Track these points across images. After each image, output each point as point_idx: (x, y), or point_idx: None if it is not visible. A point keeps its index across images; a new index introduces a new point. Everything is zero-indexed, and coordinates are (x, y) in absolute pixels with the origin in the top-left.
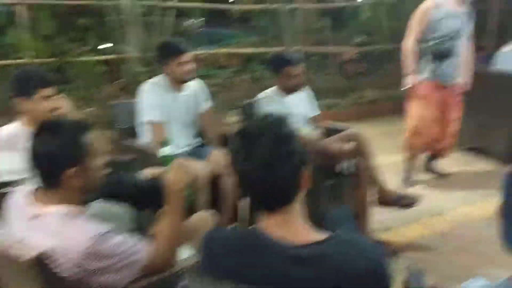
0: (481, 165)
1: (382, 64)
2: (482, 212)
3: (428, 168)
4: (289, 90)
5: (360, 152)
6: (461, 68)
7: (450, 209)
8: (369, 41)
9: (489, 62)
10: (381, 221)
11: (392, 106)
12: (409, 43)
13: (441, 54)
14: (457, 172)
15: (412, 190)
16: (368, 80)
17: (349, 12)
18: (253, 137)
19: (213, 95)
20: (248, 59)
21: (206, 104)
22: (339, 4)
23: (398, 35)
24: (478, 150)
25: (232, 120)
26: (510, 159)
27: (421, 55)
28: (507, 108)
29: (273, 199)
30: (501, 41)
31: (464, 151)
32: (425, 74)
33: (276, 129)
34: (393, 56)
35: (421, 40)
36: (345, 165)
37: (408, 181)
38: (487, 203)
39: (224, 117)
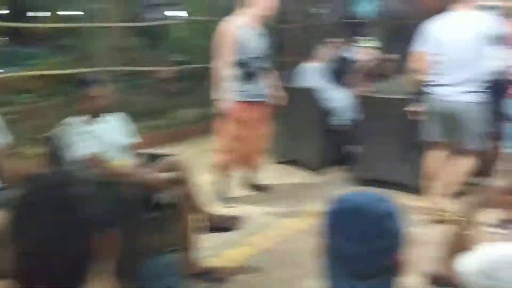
0: (297, 177)
1: (200, 83)
2: (301, 225)
3: (246, 185)
4: (94, 114)
5: (180, 180)
6: (269, 86)
7: (272, 224)
8: (186, 60)
9: (291, 78)
10: (210, 247)
11: (212, 125)
12: (218, 65)
13: (250, 74)
14: (275, 185)
15: (233, 210)
16: (186, 99)
17: (164, 31)
18: (31, 207)
19: (12, 124)
20: (60, 81)
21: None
22: (152, 23)
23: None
24: (293, 162)
25: (36, 154)
26: (320, 166)
27: (231, 76)
28: (311, 120)
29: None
30: (299, 58)
31: (279, 164)
32: (236, 95)
33: (59, 193)
34: (210, 75)
35: (230, 61)
36: (165, 196)
37: (226, 200)
38: (306, 215)
39: (25, 151)
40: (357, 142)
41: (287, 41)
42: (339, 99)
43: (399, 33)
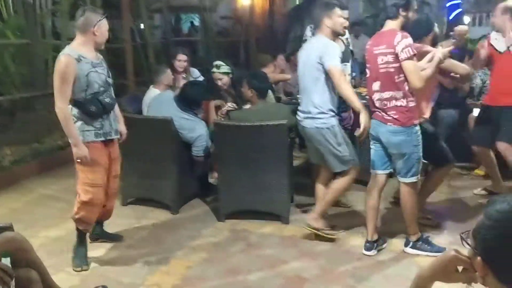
0: (153, 219)
1: (18, 116)
2: (173, 278)
3: (100, 237)
4: None
5: (21, 262)
6: (117, 119)
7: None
8: None
9: (133, 104)
10: None
11: (39, 165)
12: (63, 107)
13: (100, 110)
14: (130, 231)
15: (89, 274)
16: (4, 137)
17: None
18: None
19: None
20: None
21: None
22: None
23: (32, 81)
24: (146, 202)
25: None
26: (179, 203)
27: (79, 115)
28: (164, 152)
29: None
30: (138, 79)
31: (130, 206)
32: (88, 135)
33: None
34: (30, 106)
35: (74, 99)
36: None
37: (82, 260)
38: (176, 264)
39: None
40: (217, 173)
41: (118, 62)
42: (194, 128)
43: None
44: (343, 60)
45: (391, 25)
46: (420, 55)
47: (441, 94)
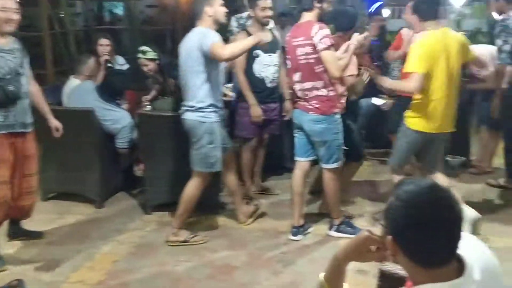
0: (78, 214)
1: None
2: (99, 275)
3: (18, 235)
4: None
5: None
6: (30, 110)
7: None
8: None
9: (54, 94)
10: None
11: None
12: None
13: (6, 100)
14: (52, 229)
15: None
16: None
17: None
18: None
19: None
20: None
21: None
22: None
23: None
24: (69, 196)
25: None
26: (104, 197)
27: None
28: (87, 145)
29: None
30: (58, 69)
31: (51, 201)
32: None
33: None
34: None
35: None
36: None
37: None
38: (102, 259)
39: None
40: (143, 165)
41: (36, 51)
42: (117, 119)
43: (158, 41)
44: (270, 50)
45: (307, 16)
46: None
47: None
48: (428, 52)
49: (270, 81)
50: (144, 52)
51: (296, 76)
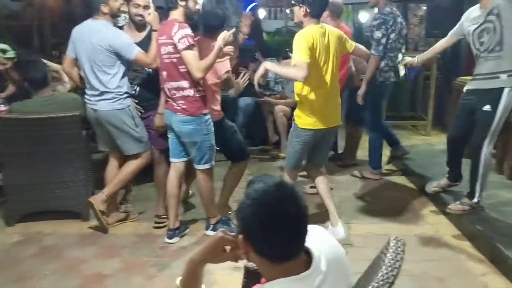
0: None
1: None
2: None
3: None
4: None
5: None
6: None
7: None
8: None
9: None
10: None
11: None
12: None
13: None
14: None
15: None
16: None
17: None
18: None
19: None
20: None
21: None
22: None
23: None
24: None
25: None
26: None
27: None
28: None
29: None
30: None
31: None
32: None
33: None
34: None
35: None
36: None
37: None
38: None
39: None
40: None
41: None
42: None
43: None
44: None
45: (172, 15)
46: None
47: None
48: (309, 44)
49: None
50: (4, 51)
51: (164, 75)
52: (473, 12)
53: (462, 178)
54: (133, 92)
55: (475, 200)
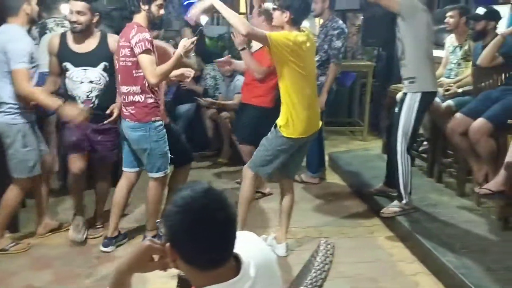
0: None
1: None
2: None
3: None
4: None
5: None
6: None
7: None
8: None
9: None
10: None
11: None
12: None
13: None
14: None
15: None
16: None
17: None
18: None
19: None
20: None
21: None
22: None
23: None
24: None
25: None
26: None
27: None
28: None
29: None
30: None
31: None
32: None
33: None
34: None
35: None
36: None
37: None
38: None
39: None
40: None
41: None
42: None
43: None
44: (85, 63)
45: (135, 18)
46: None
47: (177, 90)
48: (288, 42)
49: (83, 101)
50: None
51: (119, 79)
52: None
53: None
54: (91, 105)
55: (404, 201)
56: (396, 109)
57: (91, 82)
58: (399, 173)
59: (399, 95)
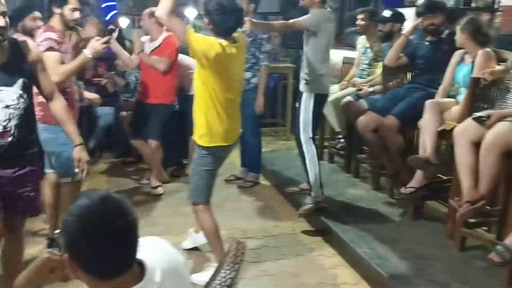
0: None
1: None
2: None
3: None
4: None
5: None
6: None
7: None
8: None
9: None
10: None
11: None
12: None
13: None
14: None
15: None
16: None
17: None
18: None
19: None
20: None
21: None
22: None
23: None
24: None
25: None
26: None
27: None
28: None
29: None
30: None
31: None
32: None
33: None
34: None
35: None
36: None
37: None
38: None
39: None
40: None
41: None
42: None
43: None
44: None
45: (49, 22)
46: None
47: (96, 93)
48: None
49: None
50: None
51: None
52: None
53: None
54: (10, 139)
55: (314, 194)
56: (297, 104)
57: (7, 107)
58: (307, 162)
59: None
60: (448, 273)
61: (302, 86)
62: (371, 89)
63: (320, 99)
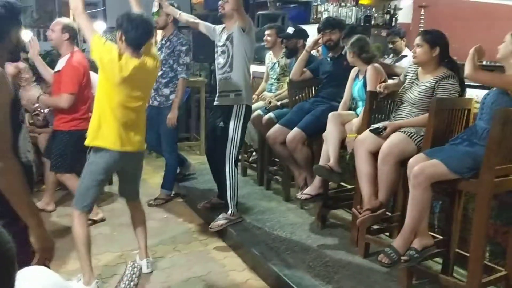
0: None
1: None
2: None
3: None
4: None
5: None
6: None
7: None
8: None
9: None
10: None
11: None
12: None
13: None
14: None
15: None
16: None
17: None
18: None
19: None
20: None
21: None
22: None
23: None
24: None
25: None
26: None
27: None
28: None
29: None
30: None
31: None
32: None
33: None
34: None
35: None
36: None
37: None
38: None
39: None
40: None
41: None
42: None
43: None
44: None
45: None
46: None
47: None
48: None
49: None
50: None
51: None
52: (218, 30)
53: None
54: None
55: (229, 211)
56: (221, 123)
57: None
58: (227, 186)
59: (213, 105)
60: (354, 279)
61: (230, 100)
62: (279, 103)
63: (248, 112)
